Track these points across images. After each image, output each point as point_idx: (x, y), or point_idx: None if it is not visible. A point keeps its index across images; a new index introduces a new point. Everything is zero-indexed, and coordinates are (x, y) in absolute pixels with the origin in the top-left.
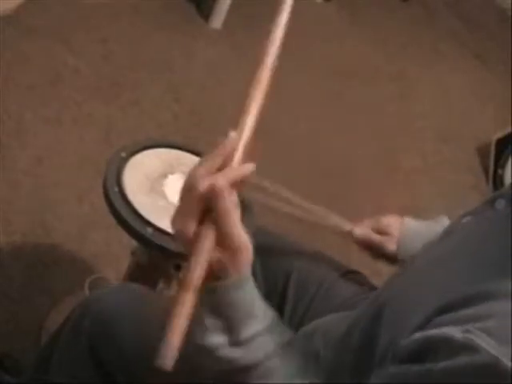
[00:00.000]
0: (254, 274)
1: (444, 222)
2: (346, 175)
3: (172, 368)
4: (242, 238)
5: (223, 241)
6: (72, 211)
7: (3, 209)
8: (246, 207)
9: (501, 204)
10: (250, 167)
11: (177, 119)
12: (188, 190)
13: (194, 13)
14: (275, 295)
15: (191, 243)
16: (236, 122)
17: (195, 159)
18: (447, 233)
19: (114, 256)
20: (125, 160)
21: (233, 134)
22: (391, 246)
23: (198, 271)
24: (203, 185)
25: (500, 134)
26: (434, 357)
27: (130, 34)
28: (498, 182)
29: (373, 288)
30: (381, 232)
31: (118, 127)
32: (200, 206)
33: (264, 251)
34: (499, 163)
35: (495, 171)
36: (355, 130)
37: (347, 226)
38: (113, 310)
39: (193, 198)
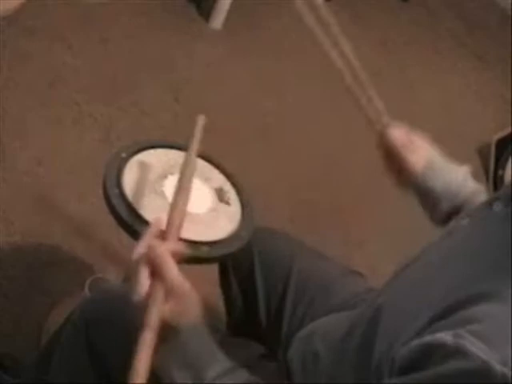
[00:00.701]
0: (253, 275)
1: (465, 170)
2: (347, 175)
3: None
4: (184, 286)
5: (169, 292)
6: (72, 211)
7: (3, 209)
8: (246, 207)
9: (498, 206)
10: (181, 247)
11: (177, 119)
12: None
13: (195, 13)
14: (275, 296)
15: (144, 305)
16: (235, 122)
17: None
18: (446, 234)
19: (114, 256)
20: (125, 160)
21: (156, 219)
22: (416, 162)
23: (154, 315)
24: (139, 249)
25: (500, 135)
26: (428, 363)
27: (130, 34)
28: (498, 182)
29: (372, 289)
30: (410, 144)
31: (118, 127)
32: (142, 271)
33: (264, 252)
34: (499, 164)
35: (495, 172)
36: (355, 130)
37: (385, 119)
38: (112, 311)
39: (134, 266)
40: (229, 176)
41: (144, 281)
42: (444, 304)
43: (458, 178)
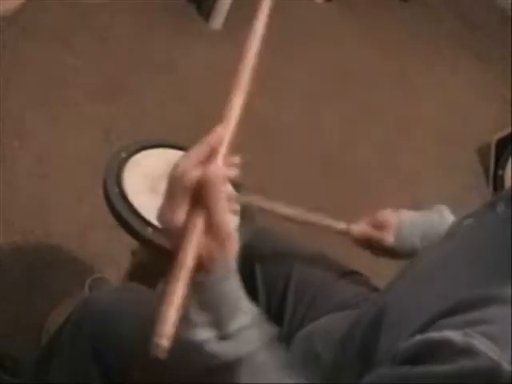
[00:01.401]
0: (253, 275)
1: (441, 210)
2: (346, 175)
3: (166, 353)
4: (230, 227)
5: (212, 230)
6: (72, 211)
7: (4, 209)
8: (245, 208)
9: (502, 207)
10: (234, 172)
11: (177, 119)
12: (177, 180)
13: (195, 13)
14: (275, 296)
15: (180, 234)
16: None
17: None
18: (449, 235)
19: (114, 256)
20: (125, 160)
21: (218, 128)
22: (389, 239)
23: (189, 259)
24: (195, 174)
25: (500, 135)
26: (433, 359)
27: (130, 34)
28: (498, 182)
29: (373, 289)
30: (378, 227)
31: (118, 127)
32: (189, 195)
33: (264, 252)
34: (499, 163)
35: (495, 172)
36: (355, 131)
37: (343, 225)
38: (113, 310)
39: (183, 187)
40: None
41: (185, 206)
42: (448, 303)
43: (435, 221)
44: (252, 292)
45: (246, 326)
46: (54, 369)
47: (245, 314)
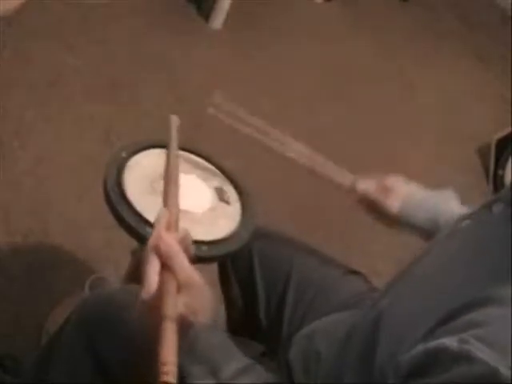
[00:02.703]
0: (253, 274)
1: (448, 194)
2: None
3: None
4: (193, 274)
5: (183, 287)
6: (72, 211)
7: (3, 209)
8: (246, 207)
9: (498, 208)
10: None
11: None
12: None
13: (194, 13)
14: (275, 296)
15: (157, 294)
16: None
17: (195, 159)
18: (447, 237)
19: (114, 256)
20: (125, 160)
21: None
22: (394, 207)
23: (171, 306)
24: (150, 244)
25: (500, 134)
26: (433, 368)
27: (129, 35)
28: (498, 182)
29: (373, 289)
30: (385, 191)
31: (118, 127)
32: (155, 262)
33: (264, 251)
34: (499, 163)
35: (495, 171)
36: (355, 131)
37: (349, 178)
38: (113, 311)
39: (147, 257)
40: (229, 176)
41: (154, 276)
42: (447, 308)
43: (440, 205)
44: (252, 292)
45: (239, 371)
46: (53, 369)
47: (238, 360)
